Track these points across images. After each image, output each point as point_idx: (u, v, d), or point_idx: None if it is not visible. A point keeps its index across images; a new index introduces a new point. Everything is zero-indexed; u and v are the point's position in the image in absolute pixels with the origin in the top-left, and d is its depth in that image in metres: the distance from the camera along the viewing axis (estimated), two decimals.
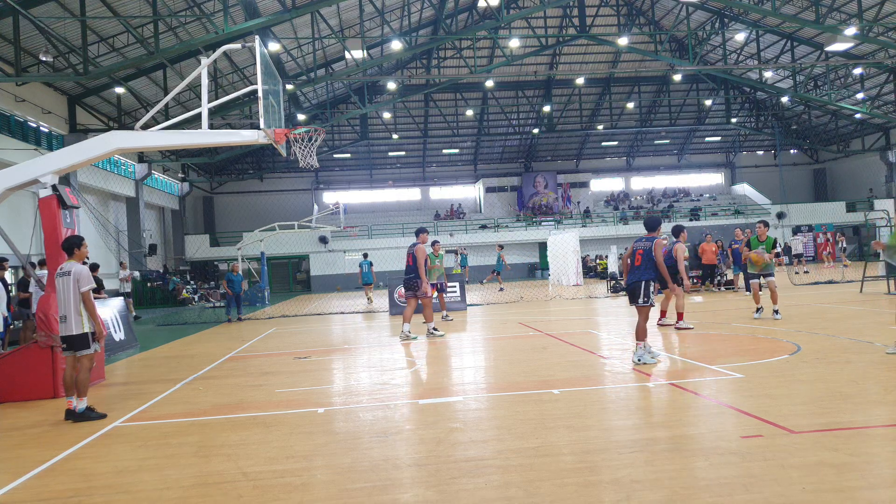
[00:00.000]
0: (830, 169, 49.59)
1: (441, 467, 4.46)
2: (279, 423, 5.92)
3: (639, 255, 7.96)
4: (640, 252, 7.95)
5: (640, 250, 7.97)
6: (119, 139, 8.77)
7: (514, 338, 11.35)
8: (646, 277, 7.90)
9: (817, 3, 27.00)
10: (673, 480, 3.97)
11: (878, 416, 5.24)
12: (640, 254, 7.96)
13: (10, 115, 21.85)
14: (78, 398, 6.54)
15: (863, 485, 3.78)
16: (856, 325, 10.38)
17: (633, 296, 8.00)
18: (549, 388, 6.79)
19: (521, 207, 45.17)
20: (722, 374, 6.98)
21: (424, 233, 12.39)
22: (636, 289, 7.94)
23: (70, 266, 6.78)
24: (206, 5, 23.07)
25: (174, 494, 4.22)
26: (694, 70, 35.48)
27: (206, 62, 8.75)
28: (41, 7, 19.18)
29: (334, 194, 45.62)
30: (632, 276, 8.01)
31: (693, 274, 20.36)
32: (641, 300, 7.93)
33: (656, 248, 7.91)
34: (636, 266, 7.97)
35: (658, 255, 7.89)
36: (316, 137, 9.36)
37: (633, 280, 7.99)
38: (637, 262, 7.97)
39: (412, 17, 30.48)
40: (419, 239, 12.23)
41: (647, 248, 7.92)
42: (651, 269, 7.90)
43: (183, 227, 39.66)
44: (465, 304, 18.35)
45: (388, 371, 8.55)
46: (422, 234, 12.33)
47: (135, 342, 13.36)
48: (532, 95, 42.28)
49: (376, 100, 39.17)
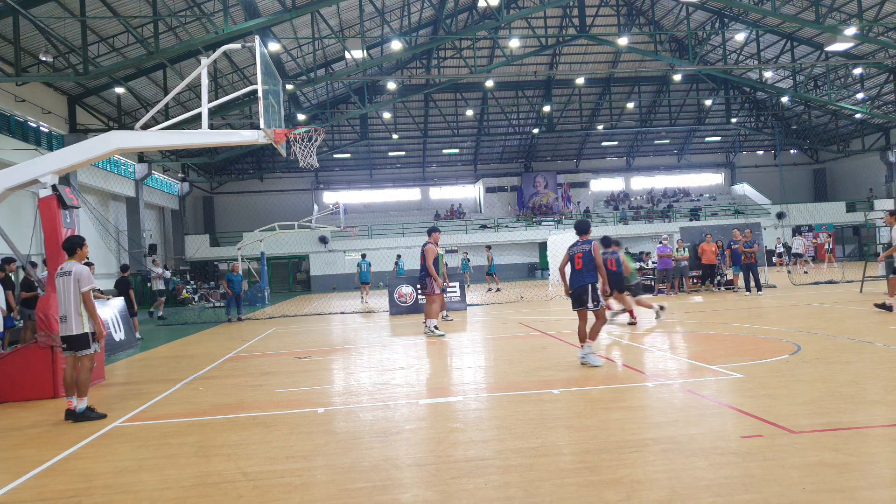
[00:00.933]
0: (830, 169, 49.59)
1: (441, 467, 4.47)
2: (279, 423, 5.92)
3: (578, 258, 7.90)
4: (580, 256, 7.88)
5: (580, 254, 7.89)
6: (119, 139, 8.77)
7: (514, 338, 11.35)
8: (590, 280, 7.87)
9: (817, 3, 26.99)
10: (673, 480, 3.97)
11: (878, 416, 5.24)
12: (579, 257, 7.89)
13: (10, 115, 21.85)
14: (78, 398, 6.54)
15: (863, 485, 3.78)
16: (856, 325, 10.38)
17: (580, 301, 7.94)
18: (549, 388, 6.79)
19: (521, 207, 45.16)
20: (722, 374, 6.98)
21: (436, 232, 12.58)
22: (583, 293, 7.88)
23: (70, 266, 6.79)
24: (206, 5, 23.07)
25: (174, 494, 4.22)
26: (694, 70, 35.48)
27: (206, 62, 8.75)
28: (41, 7, 19.17)
29: (334, 194, 45.63)
30: (576, 280, 7.93)
31: (693, 274, 20.38)
32: (591, 304, 7.88)
33: (595, 251, 7.89)
34: (578, 270, 7.91)
35: (598, 257, 7.87)
36: (316, 137, 9.36)
37: (578, 284, 7.91)
38: (578, 265, 7.90)
39: (412, 17, 30.47)
40: (431, 238, 12.35)
41: (587, 251, 7.88)
42: (594, 271, 7.86)
43: (183, 227, 39.65)
44: (465, 304, 18.37)
45: (388, 371, 8.55)
46: (433, 234, 12.51)
47: (135, 342, 13.36)
48: (532, 95, 42.27)
49: (376, 100, 39.16)
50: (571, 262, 8.00)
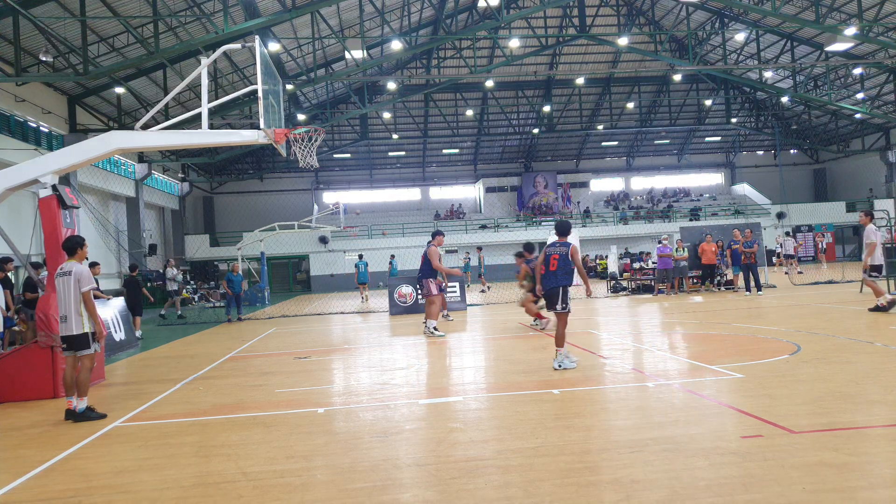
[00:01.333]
0: (830, 169, 49.58)
1: (441, 467, 4.47)
2: (279, 423, 5.92)
3: (554, 260, 7.82)
4: (556, 257, 7.80)
5: (556, 255, 7.81)
6: (119, 139, 8.77)
7: (514, 338, 11.35)
8: (563, 283, 7.80)
9: (817, 3, 26.98)
10: (673, 480, 3.97)
11: (878, 416, 5.24)
12: (555, 259, 7.81)
13: (10, 115, 21.85)
14: (78, 398, 6.54)
15: (863, 485, 3.78)
16: (856, 325, 10.38)
17: (551, 302, 7.88)
18: (549, 388, 6.79)
19: (521, 207, 45.15)
20: (722, 374, 6.98)
21: (440, 235, 12.84)
22: (554, 294, 7.81)
23: (70, 266, 6.79)
24: (206, 5, 23.07)
25: (174, 494, 4.22)
26: (694, 70, 35.48)
27: (206, 62, 8.75)
28: (41, 7, 19.17)
29: (334, 194, 45.62)
30: (549, 281, 7.85)
31: (693, 274, 20.38)
32: (560, 307, 7.80)
33: (574, 253, 7.83)
34: (552, 272, 7.82)
35: (577, 259, 7.83)
36: (316, 137, 9.37)
37: (551, 286, 7.83)
38: (553, 267, 7.82)
39: (412, 17, 30.48)
40: (434, 241, 12.52)
41: (564, 254, 7.82)
42: (569, 274, 7.80)
43: (183, 227, 39.65)
44: (465, 304, 18.37)
45: (388, 371, 8.55)
46: (437, 237, 12.74)
47: (135, 342, 13.36)
48: (532, 95, 42.27)
49: (376, 100, 39.16)
50: (546, 263, 7.93)
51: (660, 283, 19.84)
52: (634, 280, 21.88)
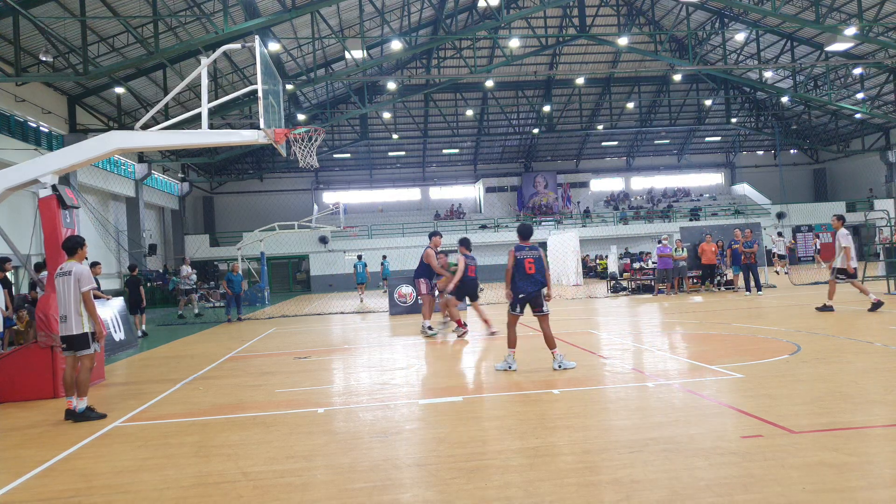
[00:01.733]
0: (830, 169, 49.58)
1: (441, 467, 4.46)
2: (279, 423, 5.92)
3: (530, 263, 7.98)
4: (531, 261, 7.98)
5: (531, 259, 7.99)
6: (119, 139, 8.77)
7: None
8: (543, 285, 8.03)
9: (817, 3, 26.98)
10: (673, 480, 3.97)
11: (878, 416, 5.24)
12: (530, 263, 7.97)
13: (10, 115, 21.85)
14: (78, 398, 6.54)
15: (863, 485, 3.78)
16: (856, 325, 10.38)
17: (537, 304, 8.05)
18: (549, 388, 6.79)
19: (521, 207, 45.15)
20: (722, 374, 6.98)
21: (437, 236, 12.83)
22: (539, 296, 8.00)
23: (70, 266, 6.78)
24: (206, 5, 23.07)
25: (174, 494, 4.22)
26: (694, 70, 35.48)
27: (206, 62, 8.75)
28: (41, 7, 19.17)
29: (334, 194, 45.62)
30: (532, 285, 7.99)
31: (693, 274, 20.39)
32: (545, 309, 8.02)
33: (543, 256, 8.11)
34: (531, 275, 7.98)
35: (546, 262, 8.12)
36: (316, 137, 9.37)
37: (534, 290, 7.99)
38: (531, 270, 7.99)
39: (412, 17, 30.48)
40: (431, 242, 12.51)
41: (538, 258, 8.02)
42: (543, 275, 8.03)
43: (183, 227, 39.66)
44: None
45: (388, 371, 8.55)
46: (434, 238, 12.74)
47: (135, 342, 13.35)
48: (532, 95, 42.27)
49: (376, 100, 39.16)
50: (521, 268, 8.02)
51: (660, 283, 19.84)
52: (634, 280, 21.89)
